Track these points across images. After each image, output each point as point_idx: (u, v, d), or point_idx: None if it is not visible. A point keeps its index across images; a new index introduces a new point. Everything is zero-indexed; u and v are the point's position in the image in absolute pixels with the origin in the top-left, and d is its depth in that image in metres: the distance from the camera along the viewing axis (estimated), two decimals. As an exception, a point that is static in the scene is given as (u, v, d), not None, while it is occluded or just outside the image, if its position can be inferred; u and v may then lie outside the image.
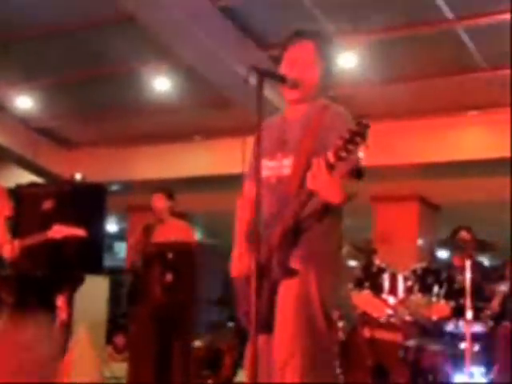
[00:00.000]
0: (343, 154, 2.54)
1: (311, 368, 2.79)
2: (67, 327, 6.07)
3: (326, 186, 2.64)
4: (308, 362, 2.79)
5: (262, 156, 2.98)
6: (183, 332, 6.46)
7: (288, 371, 2.77)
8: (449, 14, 7.27)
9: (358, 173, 2.76)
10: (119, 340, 9.31)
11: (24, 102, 10.60)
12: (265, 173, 2.99)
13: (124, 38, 8.25)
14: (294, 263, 2.86)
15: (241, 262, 3.03)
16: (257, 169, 2.72)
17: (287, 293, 2.86)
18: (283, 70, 3.04)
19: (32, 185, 7.20)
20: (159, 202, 6.95)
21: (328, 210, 2.85)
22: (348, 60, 8.30)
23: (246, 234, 3.07)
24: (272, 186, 2.99)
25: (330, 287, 2.92)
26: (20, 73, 9.54)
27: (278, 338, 2.84)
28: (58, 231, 5.30)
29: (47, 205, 5.90)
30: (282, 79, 2.93)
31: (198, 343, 6.08)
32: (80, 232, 5.39)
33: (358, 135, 2.51)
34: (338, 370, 5.35)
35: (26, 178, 10.08)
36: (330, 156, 2.57)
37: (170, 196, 6.97)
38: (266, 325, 2.86)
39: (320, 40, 3.10)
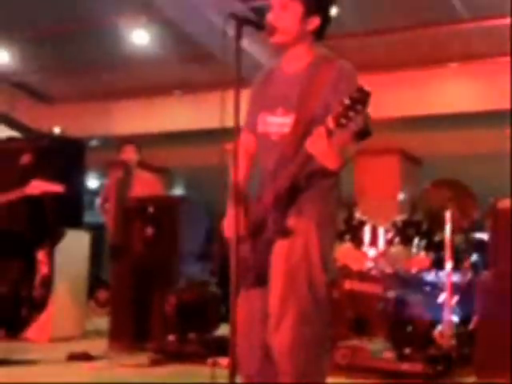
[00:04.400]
0: (343, 121, 2.50)
1: (306, 323, 2.78)
2: (48, 281, 6.08)
3: (324, 152, 2.61)
4: (303, 317, 2.78)
5: (261, 109, 2.94)
6: (163, 285, 6.46)
7: (282, 326, 2.77)
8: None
9: (363, 133, 2.71)
10: (101, 294, 9.35)
11: (1, 56, 10.45)
12: (264, 128, 2.96)
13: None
14: (291, 222, 2.84)
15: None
16: (236, 122, 2.67)
17: (283, 250, 2.83)
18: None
19: (10, 139, 7.13)
20: (131, 153, 6.96)
21: (326, 173, 2.80)
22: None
23: (240, 195, 2.84)
24: (272, 143, 2.93)
25: (328, 244, 2.91)
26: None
27: (272, 294, 2.82)
28: (36, 187, 5.26)
29: (25, 159, 5.84)
30: (258, 25, 2.88)
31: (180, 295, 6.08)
32: (57, 188, 5.36)
33: (359, 102, 2.47)
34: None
35: (3, 132, 9.97)
36: (330, 122, 2.54)
37: (140, 148, 7.01)
38: (261, 280, 2.86)
39: None
